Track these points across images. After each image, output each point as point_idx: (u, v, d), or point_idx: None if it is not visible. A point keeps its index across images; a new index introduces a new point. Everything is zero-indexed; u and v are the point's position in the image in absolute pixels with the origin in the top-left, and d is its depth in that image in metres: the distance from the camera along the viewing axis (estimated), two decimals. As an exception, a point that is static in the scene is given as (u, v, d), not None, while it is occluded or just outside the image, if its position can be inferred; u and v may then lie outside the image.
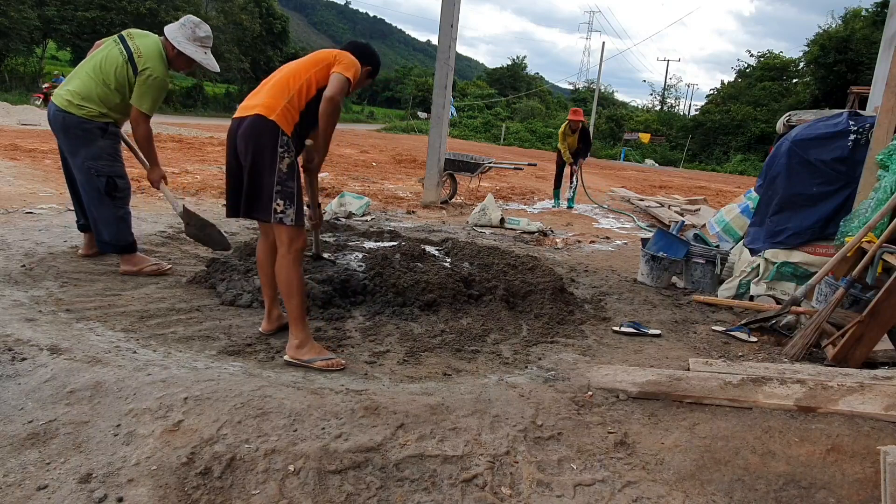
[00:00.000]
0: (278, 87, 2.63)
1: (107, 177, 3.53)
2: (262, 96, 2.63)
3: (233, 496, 1.78)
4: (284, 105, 2.58)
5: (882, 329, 2.98)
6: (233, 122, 2.65)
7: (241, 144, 2.58)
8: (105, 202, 3.55)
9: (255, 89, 2.75)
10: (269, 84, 2.69)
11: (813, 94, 31.68)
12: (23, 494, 1.69)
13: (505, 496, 1.92)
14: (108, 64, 3.46)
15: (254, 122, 2.56)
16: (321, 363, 2.59)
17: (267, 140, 2.54)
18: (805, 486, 2.02)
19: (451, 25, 7.99)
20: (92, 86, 3.45)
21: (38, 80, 26.40)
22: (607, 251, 6.26)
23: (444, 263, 4.15)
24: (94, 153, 3.49)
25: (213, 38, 3.74)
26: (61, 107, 3.45)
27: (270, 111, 2.56)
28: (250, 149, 2.56)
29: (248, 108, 2.61)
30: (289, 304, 2.62)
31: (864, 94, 8.82)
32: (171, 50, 3.56)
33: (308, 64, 2.71)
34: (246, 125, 2.57)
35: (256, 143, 2.55)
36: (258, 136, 2.54)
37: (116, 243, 3.62)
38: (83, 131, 3.46)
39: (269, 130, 2.55)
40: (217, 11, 33.99)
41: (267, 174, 2.55)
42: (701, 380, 2.55)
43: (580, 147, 10.01)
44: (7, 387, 2.13)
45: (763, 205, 4.47)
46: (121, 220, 3.62)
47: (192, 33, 3.59)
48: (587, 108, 37.93)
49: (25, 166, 7.43)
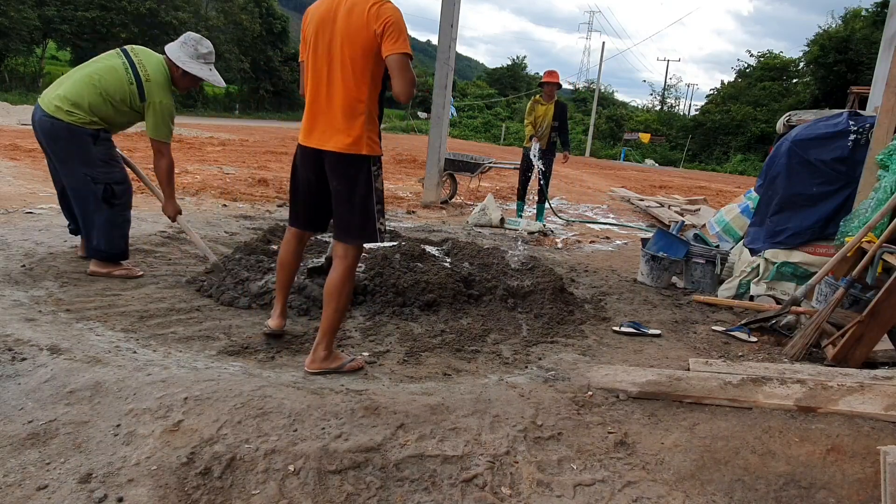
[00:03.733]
0: (347, 106, 2.38)
1: (104, 184, 3.42)
2: (336, 120, 2.39)
3: (233, 496, 1.78)
4: (366, 132, 2.41)
5: (882, 329, 2.98)
6: (306, 149, 2.49)
7: (333, 179, 2.47)
8: (102, 210, 3.44)
9: (313, 90, 2.44)
10: (332, 98, 2.40)
11: (813, 94, 31.67)
12: (23, 494, 1.69)
13: (505, 496, 1.92)
14: (110, 77, 3.36)
15: (340, 161, 2.42)
16: (350, 366, 2.57)
17: (363, 175, 2.45)
18: (805, 486, 2.02)
19: (451, 25, 7.99)
20: (84, 93, 3.33)
21: (38, 80, 26.39)
22: (607, 251, 6.26)
23: (444, 263, 4.15)
24: (88, 160, 3.37)
25: (214, 53, 3.68)
26: (49, 112, 3.30)
27: (356, 146, 2.40)
28: (345, 184, 2.46)
29: (326, 138, 2.42)
30: (334, 314, 2.51)
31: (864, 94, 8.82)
32: (176, 70, 3.50)
33: (355, 49, 2.33)
34: (334, 164, 2.43)
35: (348, 179, 2.45)
36: (351, 171, 2.44)
37: (109, 251, 3.52)
38: (73, 138, 3.33)
39: (358, 164, 2.44)
40: (217, 11, 33.96)
41: (370, 201, 2.48)
42: (701, 380, 2.55)
43: (554, 130, 7.17)
44: (7, 387, 2.13)
45: (763, 205, 4.47)
46: (117, 228, 3.52)
47: (195, 51, 3.53)
48: (587, 108, 37.87)
49: (25, 166, 7.43)
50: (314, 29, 2.43)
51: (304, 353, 2.78)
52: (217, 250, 4.48)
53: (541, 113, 7.11)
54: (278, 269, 2.86)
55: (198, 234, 3.88)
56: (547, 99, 7.15)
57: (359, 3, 2.34)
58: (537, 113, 7.12)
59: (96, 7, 27.21)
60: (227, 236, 4.97)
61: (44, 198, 5.51)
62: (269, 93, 38.27)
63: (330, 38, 2.38)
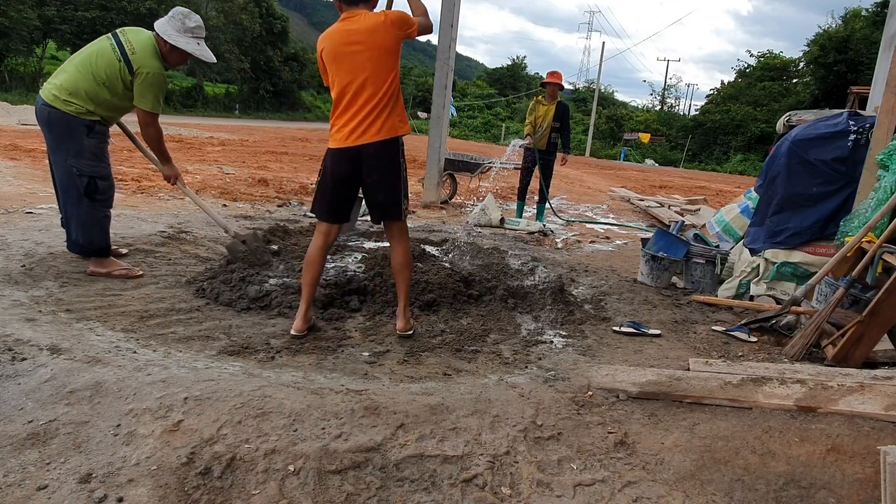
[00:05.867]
0: (382, 103, 2.83)
1: (88, 177, 3.41)
2: (374, 115, 2.82)
3: (233, 496, 1.78)
4: (396, 117, 2.88)
5: (882, 329, 2.98)
6: (349, 150, 2.85)
7: (368, 170, 2.87)
8: (82, 203, 3.44)
9: (347, 101, 2.84)
10: (358, 98, 2.82)
11: (813, 94, 31.67)
12: (23, 494, 1.69)
13: (505, 496, 1.92)
14: (100, 59, 3.37)
15: (381, 148, 2.86)
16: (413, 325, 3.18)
17: (395, 157, 2.92)
18: (805, 486, 2.02)
19: (451, 25, 7.99)
20: (80, 80, 3.34)
21: (38, 80, 26.39)
22: (607, 251, 6.26)
23: (444, 263, 4.15)
24: (77, 151, 3.37)
25: (204, 27, 3.63)
26: (48, 101, 3.34)
27: (392, 131, 2.87)
28: (380, 173, 2.90)
29: (371, 133, 2.82)
30: (406, 284, 3.07)
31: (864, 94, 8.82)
32: (164, 45, 3.46)
33: (377, 53, 2.81)
34: (376, 151, 2.85)
35: (386, 164, 2.89)
36: (387, 158, 2.89)
37: (86, 246, 3.51)
38: (67, 128, 3.35)
39: (392, 149, 2.90)
40: (217, 11, 33.92)
41: (398, 183, 2.95)
42: (701, 380, 2.55)
43: (555, 131, 7.04)
44: (7, 387, 2.13)
45: (763, 205, 4.47)
46: (96, 223, 3.51)
47: (182, 25, 3.49)
48: (587, 108, 37.85)
49: (25, 166, 7.43)
50: (333, 54, 2.85)
51: (303, 353, 2.78)
52: (217, 250, 4.48)
53: (541, 113, 7.05)
54: (306, 267, 3.01)
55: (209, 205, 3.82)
56: (549, 100, 7.10)
57: (370, 16, 2.84)
58: (538, 113, 7.07)
59: (96, 7, 27.20)
60: (227, 236, 4.96)
61: (44, 198, 5.51)
62: (269, 93, 38.26)
63: (352, 54, 2.81)
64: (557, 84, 7.09)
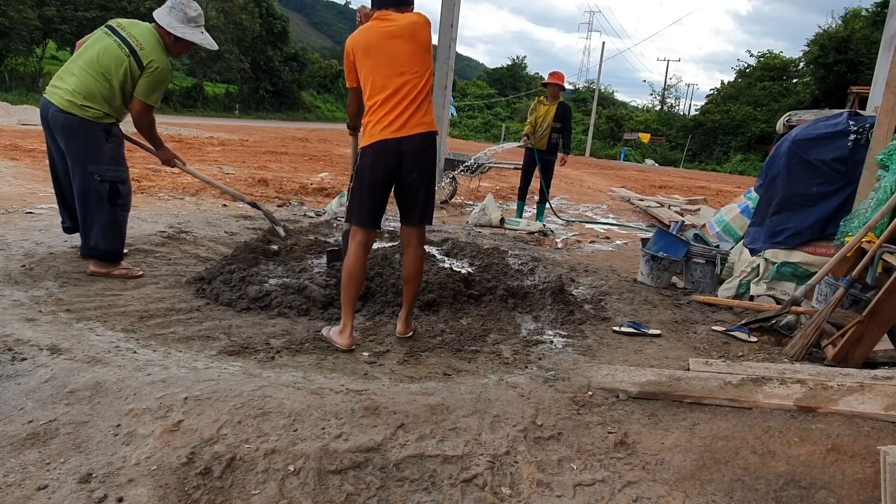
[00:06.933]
0: (420, 97, 2.77)
1: (110, 182, 3.41)
2: (414, 107, 2.74)
3: (233, 496, 1.78)
4: (432, 115, 2.84)
5: (882, 329, 2.98)
6: (390, 141, 2.72)
7: (409, 169, 2.77)
8: (104, 208, 3.43)
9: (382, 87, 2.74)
10: (400, 91, 2.74)
11: (813, 94, 31.68)
12: (23, 494, 1.69)
13: (505, 496, 1.92)
14: (108, 58, 3.33)
15: (423, 141, 2.78)
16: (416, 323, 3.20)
17: (434, 153, 2.86)
18: (805, 486, 2.02)
19: (451, 25, 7.98)
20: (92, 83, 3.30)
21: (38, 80, 26.39)
22: (607, 251, 6.26)
23: (444, 263, 4.15)
24: (97, 157, 3.36)
25: (203, 15, 3.64)
26: (62, 108, 3.28)
27: (431, 125, 2.81)
28: (420, 170, 2.80)
29: (411, 125, 2.74)
30: (414, 292, 3.04)
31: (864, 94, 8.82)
32: (168, 37, 3.46)
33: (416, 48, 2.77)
34: (418, 145, 2.76)
35: (426, 160, 2.82)
36: (428, 153, 2.82)
37: (107, 251, 3.49)
38: (88, 134, 3.33)
39: (433, 143, 2.84)
40: (217, 11, 33.90)
41: (434, 182, 2.91)
42: (701, 380, 2.55)
43: (556, 132, 7.02)
44: (7, 387, 2.13)
45: (763, 205, 4.47)
46: (117, 228, 3.51)
47: (185, 14, 3.48)
48: (587, 108, 37.87)
49: (25, 166, 7.43)
50: (370, 48, 2.77)
51: (303, 353, 2.78)
52: (217, 250, 4.48)
53: (542, 113, 7.06)
54: (349, 282, 2.83)
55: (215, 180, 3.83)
56: (551, 100, 7.11)
57: (408, 15, 2.82)
58: (538, 113, 7.09)
59: (96, 7, 27.18)
60: (227, 236, 4.97)
61: (44, 198, 5.51)
62: (269, 93, 38.25)
63: (392, 48, 2.75)
64: (559, 85, 7.12)
